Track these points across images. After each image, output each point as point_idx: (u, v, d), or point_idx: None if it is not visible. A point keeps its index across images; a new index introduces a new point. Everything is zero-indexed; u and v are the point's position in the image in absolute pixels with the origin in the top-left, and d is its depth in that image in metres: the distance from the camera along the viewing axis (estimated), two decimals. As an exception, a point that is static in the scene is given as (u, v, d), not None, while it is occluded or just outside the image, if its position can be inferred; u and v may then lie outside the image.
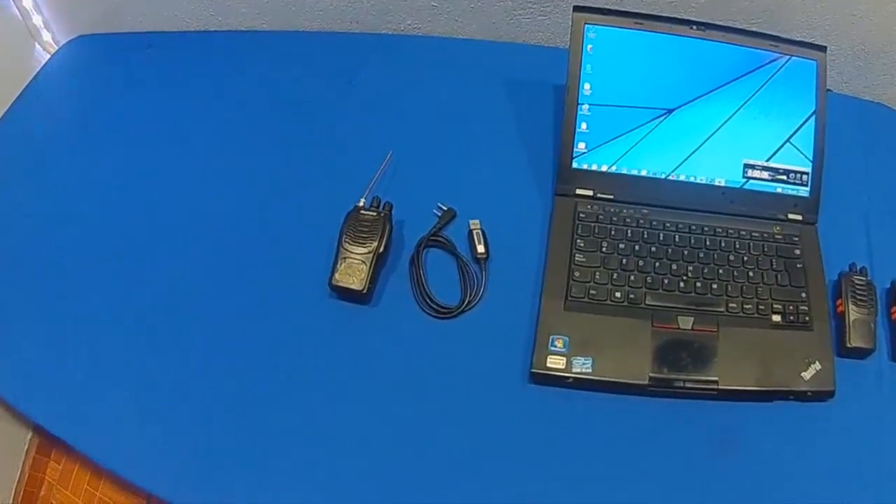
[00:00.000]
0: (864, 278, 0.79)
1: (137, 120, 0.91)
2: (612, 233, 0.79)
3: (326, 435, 0.69)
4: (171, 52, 0.99)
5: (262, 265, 0.79)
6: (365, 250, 0.75)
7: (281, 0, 0.96)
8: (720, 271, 0.77)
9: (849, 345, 0.75)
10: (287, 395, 0.71)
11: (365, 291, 0.74)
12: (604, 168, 0.81)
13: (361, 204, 0.78)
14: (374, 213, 0.77)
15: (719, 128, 0.81)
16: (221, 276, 0.78)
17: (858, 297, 0.77)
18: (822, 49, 0.82)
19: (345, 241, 0.75)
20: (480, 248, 0.78)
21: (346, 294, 0.75)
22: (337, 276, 0.74)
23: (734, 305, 0.75)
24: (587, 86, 0.80)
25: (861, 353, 0.76)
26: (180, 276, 0.78)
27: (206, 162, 0.87)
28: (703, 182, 0.82)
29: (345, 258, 0.75)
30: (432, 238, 0.79)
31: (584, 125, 0.80)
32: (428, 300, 0.76)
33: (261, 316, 0.75)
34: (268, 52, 0.98)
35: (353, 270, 0.75)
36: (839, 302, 0.77)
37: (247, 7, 0.97)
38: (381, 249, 0.75)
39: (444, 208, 0.81)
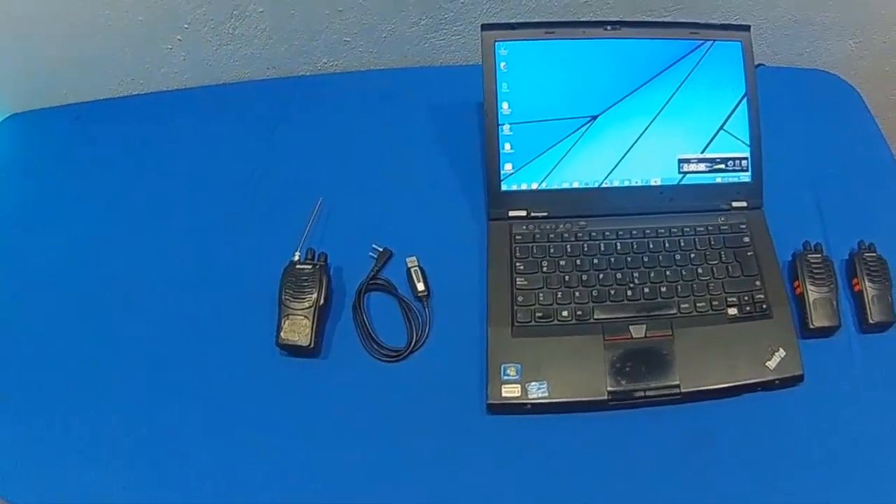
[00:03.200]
0: (819, 255, 0.77)
1: (72, 192, 0.90)
2: (551, 250, 0.77)
3: (293, 491, 0.68)
4: (98, 122, 0.97)
5: (208, 331, 0.77)
6: (306, 304, 0.74)
7: (197, 56, 0.95)
8: (667, 273, 0.76)
9: (812, 325, 0.73)
10: (248, 457, 0.70)
11: (312, 346, 0.73)
12: (534, 186, 0.80)
13: (296, 258, 0.77)
14: (310, 266, 0.76)
15: (648, 126, 0.79)
16: (167, 347, 0.76)
17: (815, 275, 0.75)
18: (746, 28, 0.80)
19: (285, 298, 0.74)
20: (420, 286, 0.77)
21: (294, 351, 0.74)
22: (283, 334, 0.73)
23: (686, 306, 0.74)
24: (505, 105, 0.78)
25: (826, 332, 0.74)
26: (126, 351, 0.76)
27: (141, 228, 0.86)
28: (639, 184, 0.80)
29: (287, 315, 0.74)
30: (371, 282, 0.78)
31: (507, 145, 0.79)
32: (375, 345, 0.74)
33: (212, 383, 0.74)
34: (190, 109, 0.96)
35: (298, 326, 0.73)
36: (796, 283, 0.76)
37: (166, 67, 0.96)
38: (322, 302, 0.74)
39: (380, 249, 0.80)
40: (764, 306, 0.74)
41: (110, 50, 0.94)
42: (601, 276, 0.76)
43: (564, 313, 0.74)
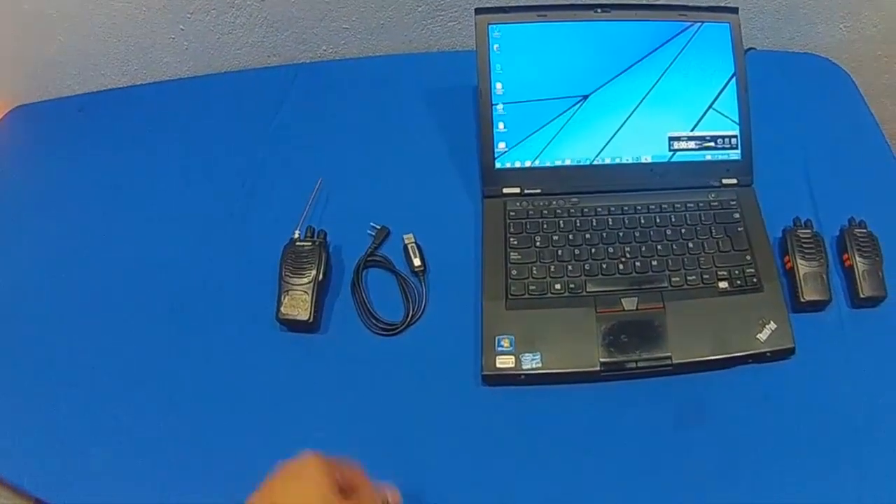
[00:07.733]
0: (809, 231, 0.78)
1: (77, 181, 0.92)
2: (545, 226, 0.79)
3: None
4: (102, 112, 1.00)
5: (210, 309, 0.79)
6: (305, 280, 0.76)
7: (200, 45, 0.98)
8: (658, 247, 0.77)
9: (802, 299, 0.74)
10: (249, 429, 0.71)
11: (311, 320, 0.75)
12: (527, 164, 0.81)
13: (296, 236, 0.79)
14: (310, 243, 0.78)
15: (638, 105, 0.81)
16: (171, 322, 0.78)
17: (806, 250, 0.76)
18: (734, 10, 0.81)
19: (285, 274, 0.76)
20: (417, 262, 0.78)
21: (294, 325, 0.76)
22: (283, 309, 0.75)
23: (677, 279, 0.75)
24: (499, 85, 0.80)
25: (817, 306, 0.75)
26: (128, 329, 0.78)
27: (146, 213, 0.88)
28: (630, 162, 0.81)
29: (287, 290, 0.76)
30: (369, 258, 0.80)
31: (501, 125, 0.81)
32: (373, 320, 0.76)
33: (214, 357, 0.76)
34: (194, 98, 0.99)
35: (298, 301, 0.75)
36: (787, 258, 0.77)
37: (168, 57, 0.99)
38: (321, 277, 0.76)
39: (377, 227, 0.82)
40: (755, 280, 0.75)
41: (113, 40, 0.96)
42: (593, 250, 0.77)
43: (557, 286, 0.75)
